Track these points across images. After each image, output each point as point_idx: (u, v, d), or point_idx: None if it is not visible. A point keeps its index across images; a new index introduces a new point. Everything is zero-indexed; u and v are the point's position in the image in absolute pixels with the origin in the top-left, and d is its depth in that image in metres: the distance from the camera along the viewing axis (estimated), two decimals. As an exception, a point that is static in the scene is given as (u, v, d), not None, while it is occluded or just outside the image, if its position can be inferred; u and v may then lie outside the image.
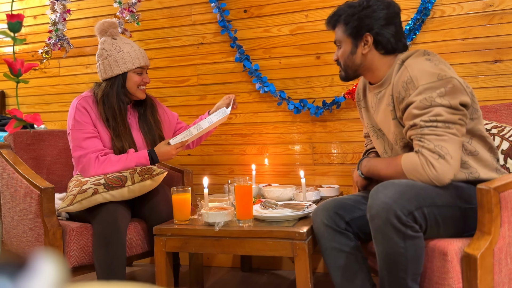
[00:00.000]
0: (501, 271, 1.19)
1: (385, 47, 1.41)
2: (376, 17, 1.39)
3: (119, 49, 1.87)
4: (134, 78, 1.87)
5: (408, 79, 1.30)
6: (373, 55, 1.43)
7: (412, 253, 1.18)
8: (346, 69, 1.49)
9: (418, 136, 1.26)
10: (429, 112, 1.24)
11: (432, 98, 1.24)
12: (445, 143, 1.22)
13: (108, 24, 1.92)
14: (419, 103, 1.25)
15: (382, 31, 1.40)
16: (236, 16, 2.46)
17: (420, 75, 1.28)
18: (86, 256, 1.66)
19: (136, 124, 1.95)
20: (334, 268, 1.41)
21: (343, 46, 1.47)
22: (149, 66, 1.97)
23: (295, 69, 2.36)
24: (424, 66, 1.30)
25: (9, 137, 2.00)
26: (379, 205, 1.18)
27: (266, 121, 2.43)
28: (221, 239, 1.55)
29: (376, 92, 1.48)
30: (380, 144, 1.53)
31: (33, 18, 2.91)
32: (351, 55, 1.45)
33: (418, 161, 1.24)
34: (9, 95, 2.99)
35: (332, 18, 1.50)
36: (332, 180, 2.31)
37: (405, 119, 1.31)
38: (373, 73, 1.46)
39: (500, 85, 2.06)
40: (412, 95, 1.28)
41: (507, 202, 1.18)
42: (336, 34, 1.50)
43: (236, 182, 1.56)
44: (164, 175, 1.75)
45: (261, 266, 2.43)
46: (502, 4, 2.04)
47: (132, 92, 1.89)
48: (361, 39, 1.42)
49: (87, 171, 1.76)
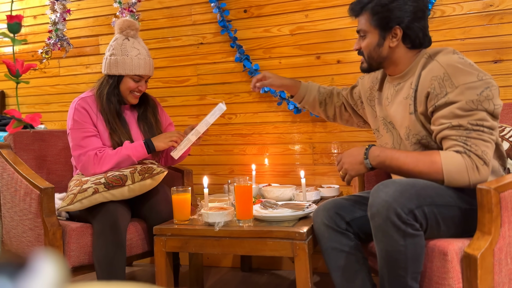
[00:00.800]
0: (501, 271, 1.19)
1: (413, 41, 1.38)
2: (406, 10, 1.35)
3: (125, 52, 1.86)
4: (129, 83, 1.87)
5: (444, 75, 1.26)
6: (400, 48, 1.40)
7: (412, 252, 1.18)
8: (370, 61, 1.45)
9: (463, 138, 1.23)
10: (474, 115, 1.23)
11: (480, 101, 1.22)
12: (488, 149, 1.23)
13: (127, 24, 1.90)
14: (464, 104, 1.23)
15: (412, 25, 1.36)
16: (236, 16, 2.46)
17: (459, 74, 1.25)
18: (86, 256, 1.66)
19: (135, 122, 1.95)
20: (334, 268, 1.41)
21: (369, 37, 1.42)
22: (151, 76, 1.95)
23: (295, 69, 2.36)
24: (460, 65, 1.27)
25: (9, 137, 2.00)
26: (380, 203, 1.18)
27: (266, 121, 2.43)
28: (221, 239, 1.55)
29: (395, 84, 1.45)
30: (389, 137, 1.50)
31: (33, 18, 2.91)
32: (378, 48, 1.41)
33: (464, 163, 1.22)
34: (9, 95, 2.99)
35: (357, 5, 1.44)
36: (332, 180, 2.31)
37: (442, 117, 1.27)
38: (396, 66, 1.43)
39: (500, 85, 2.04)
40: (452, 94, 1.24)
41: (507, 202, 1.18)
42: (359, 23, 1.45)
43: (236, 182, 1.56)
44: (164, 174, 1.75)
45: (261, 266, 2.43)
46: (502, 4, 2.04)
47: (124, 96, 1.90)
48: (389, 31, 1.38)
49: (87, 168, 1.77)
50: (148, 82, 1.98)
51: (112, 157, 1.76)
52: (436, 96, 1.28)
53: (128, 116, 1.94)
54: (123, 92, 1.89)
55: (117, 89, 1.88)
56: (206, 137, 2.52)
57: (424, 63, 1.36)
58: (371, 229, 1.24)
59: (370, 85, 1.62)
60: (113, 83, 1.87)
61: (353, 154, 1.40)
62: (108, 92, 1.86)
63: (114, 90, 1.87)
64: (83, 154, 1.77)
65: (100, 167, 1.75)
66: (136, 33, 1.93)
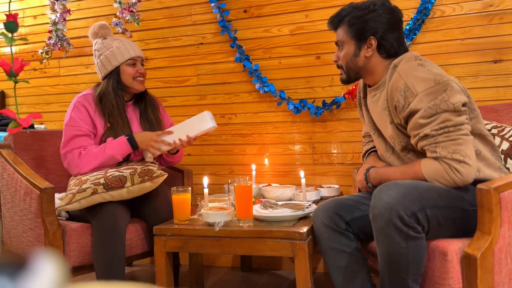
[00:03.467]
0: (501, 271, 1.19)
1: (388, 51, 1.43)
2: (381, 21, 1.41)
3: (108, 46, 1.91)
4: (128, 70, 1.89)
5: (404, 86, 1.31)
6: (375, 58, 1.44)
7: (414, 254, 1.18)
8: (348, 71, 1.50)
9: (433, 146, 1.27)
10: (437, 120, 1.25)
11: (437, 105, 1.25)
12: (461, 146, 1.24)
13: (98, 27, 1.96)
14: (424, 112, 1.26)
15: (386, 36, 1.41)
16: (236, 16, 2.45)
17: (416, 82, 1.29)
18: (86, 256, 1.66)
19: (137, 120, 1.96)
20: (334, 268, 1.41)
21: (346, 48, 1.47)
22: (143, 57, 1.97)
23: (295, 69, 2.36)
24: (418, 72, 1.31)
25: (9, 137, 2.00)
26: (382, 205, 1.18)
27: (266, 121, 2.43)
28: (221, 239, 1.55)
29: (372, 95, 1.50)
30: (381, 142, 1.53)
31: (33, 18, 2.91)
32: (354, 58, 1.46)
33: (441, 168, 1.26)
34: (9, 95, 2.99)
35: (335, 18, 1.50)
36: (332, 180, 2.31)
37: (412, 129, 1.32)
38: (372, 76, 1.47)
39: (500, 85, 2.06)
40: (413, 103, 1.28)
41: (507, 202, 1.18)
42: (338, 35, 1.50)
43: (236, 182, 1.56)
44: (164, 178, 1.75)
45: (261, 266, 2.43)
46: (502, 4, 2.04)
47: (128, 85, 1.91)
48: (365, 42, 1.43)
49: (71, 166, 1.79)
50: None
51: (95, 157, 1.76)
52: (402, 109, 1.32)
53: (130, 114, 1.95)
54: (127, 82, 1.90)
55: (120, 82, 1.89)
56: (206, 137, 2.52)
57: (390, 74, 1.40)
58: (373, 230, 1.24)
59: (361, 91, 1.65)
60: (114, 79, 1.89)
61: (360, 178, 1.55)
62: (114, 89, 1.88)
63: (118, 84, 1.89)
64: (69, 151, 1.79)
65: (83, 167, 1.76)
66: (109, 31, 1.98)
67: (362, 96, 1.62)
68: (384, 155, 1.52)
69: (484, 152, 1.35)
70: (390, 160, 1.49)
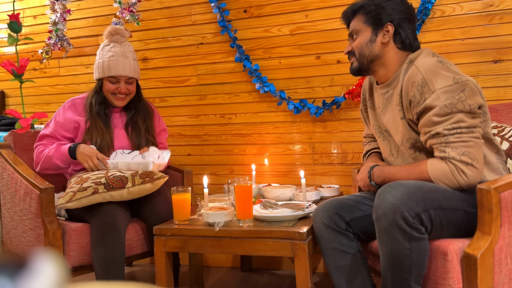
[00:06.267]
0: (501, 271, 1.19)
1: (403, 41, 1.42)
2: (398, 10, 1.41)
3: (102, 56, 1.95)
4: (107, 86, 1.93)
5: (422, 81, 1.29)
6: (391, 47, 1.43)
7: (417, 255, 1.18)
8: (361, 58, 1.46)
9: (443, 145, 1.26)
10: (451, 119, 1.24)
11: (453, 104, 1.24)
12: (471, 149, 1.24)
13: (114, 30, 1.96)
14: (439, 110, 1.25)
15: (403, 24, 1.41)
16: (236, 16, 2.45)
17: (435, 78, 1.27)
18: (86, 256, 1.66)
19: (122, 124, 1.99)
20: (334, 268, 1.40)
21: (361, 35, 1.45)
22: (130, 77, 1.93)
23: (295, 69, 2.36)
24: (437, 69, 1.29)
25: (9, 137, 2.00)
26: (386, 206, 1.18)
27: (266, 121, 2.43)
28: (221, 239, 1.55)
29: (383, 93, 1.48)
30: (386, 145, 1.52)
31: (33, 18, 2.91)
32: (370, 44, 1.44)
33: (447, 169, 1.25)
34: (9, 95, 2.99)
35: (350, 9, 1.49)
36: (332, 180, 2.31)
37: (424, 125, 1.30)
38: (385, 68, 1.45)
39: (500, 85, 2.06)
40: (429, 99, 1.27)
41: (507, 202, 1.18)
42: (352, 25, 1.49)
43: (236, 182, 1.56)
44: (165, 180, 1.76)
45: (261, 266, 2.43)
46: (502, 4, 2.04)
47: (107, 98, 1.96)
48: (381, 28, 1.42)
49: (35, 163, 1.88)
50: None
51: (41, 158, 1.85)
52: (417, 104, 1.31)
53: (116, 119, 1.98)
54: (106, 95, 1.95)
55: (101, 92, 1.95)
56: (206, 138, 2.53)
57: (406, 69, 1.38)
58: (376, 231, 1.24)
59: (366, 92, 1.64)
60: (97, 87, 1.96)
61: (362, 177, 1.53)
62: (94, 95, 1.95)
63: (99, 93, 1.95)
64: (35, 147, 1.90)
65: (36, 164, 1.87)
66: (121, 38, 1.97)
67: (368, 97, 1.60)
68: (388, 159, 1.51)
69: (489, 156, 1.35)
70: (395, 163, 1.48)
